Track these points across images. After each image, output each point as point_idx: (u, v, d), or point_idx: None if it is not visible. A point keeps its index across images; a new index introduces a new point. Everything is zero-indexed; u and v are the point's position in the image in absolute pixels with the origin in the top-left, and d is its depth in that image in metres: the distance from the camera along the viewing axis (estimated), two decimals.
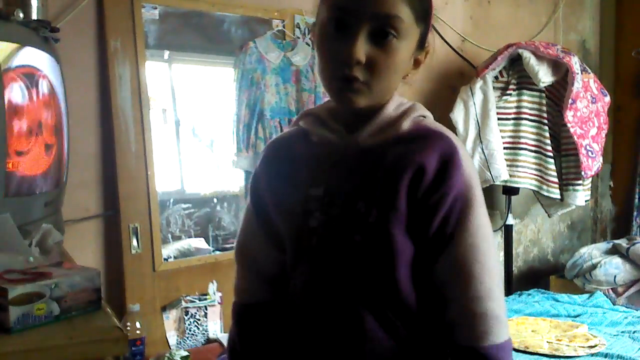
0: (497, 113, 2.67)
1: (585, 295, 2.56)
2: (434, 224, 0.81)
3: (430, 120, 0.90)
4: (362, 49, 0.79)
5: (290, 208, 0.90)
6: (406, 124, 0.86)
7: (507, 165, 2.66)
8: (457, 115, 2.64)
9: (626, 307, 2.49)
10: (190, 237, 2.38)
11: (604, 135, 2.78)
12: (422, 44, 0.87)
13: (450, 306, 0.82)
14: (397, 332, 0.84)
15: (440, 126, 0.89)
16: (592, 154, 2.65)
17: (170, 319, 2.20)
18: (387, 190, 0.82)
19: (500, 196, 3.03)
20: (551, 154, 2.71)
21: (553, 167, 2.70)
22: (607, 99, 2.82)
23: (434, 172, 0.81)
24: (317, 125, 0.90)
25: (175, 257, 2.26)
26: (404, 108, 0.88)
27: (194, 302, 2.23)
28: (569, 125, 2.58)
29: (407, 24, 0.81)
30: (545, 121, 2.72)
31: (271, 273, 0.98)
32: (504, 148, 2.67)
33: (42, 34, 1.48)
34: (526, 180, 2.71)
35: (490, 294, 0.83)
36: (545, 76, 2.58)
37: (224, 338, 2.25)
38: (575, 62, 2.58)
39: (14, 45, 1.31)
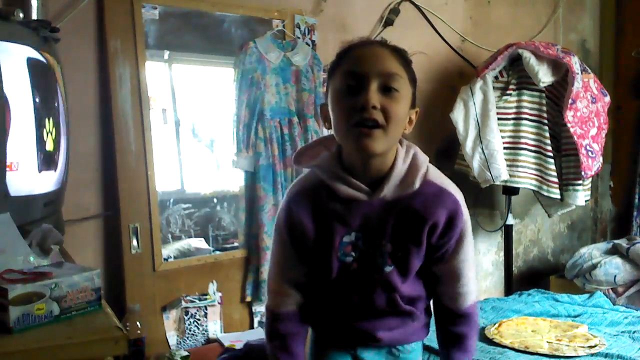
0: (497, 113, 2.67)
1: (585, 295, 2.56)
2: (441, 251, 1.15)
3: (432, 173, 1.13)
4: (376, 97, 1.01)
5: (327, 250, 1.13)
6: (417, 183, 1.09)
7: (507, 165, 2.66)
8: (457, 115, 2.64)
9: (626, 307, 2.49)
10: (190, 237, 2.38)
11: (604, 135, 2.78)
12: (413, 104, 1.11)
13: (448, 290, 1.20)
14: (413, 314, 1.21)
15: (444, 181, 1.13)
16: (592, 154, 2.65)
17: (170, 319, 2.20)
18: (411, 235, 1.11)
19: (500, 196, 3.04)
20: (551, 154, 2.70)
21: (553, 167, 2.69)
22: (607, 99, 2.81)
23: (444, 224, 1.11)
24: (341, 183, 1.10)
25: (175, 257, 2.26)
26: (408, 163, 1.10)
27: (194, 302, 2.23)
28: (569, 125, 2.58)
29: (404, 82, 1.06)
30: (545, 121, 2.72)
31: (300, 282, 1.21)
32: (504, 148, 2.67)
33: (42, 34, 1.48)
34: (526, 180, 2.71)
35: (470, 282, 1.20)
36: (545, 76, 2.58)
37: (224, 338, 2.26)
38: (575, 62, 2.58)
39: (14, 45, 1.31)
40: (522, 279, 3.22)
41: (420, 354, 1.31)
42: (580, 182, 2.69)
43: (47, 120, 1.47)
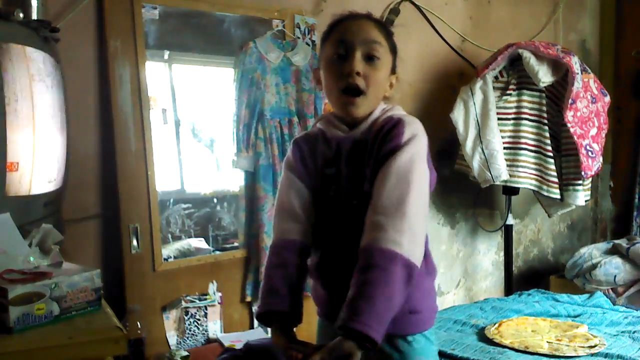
0: (497, 113, 2.67)
1: (585, 295, 2.56)
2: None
3: (398, 112, 1.24)
4: (359, 65, 1.17)
5: (316, 183, 1.25)
6: (381, 119, 1.21)
7: (507, 166, 2.66)
8: (457, 115, 2.64)
9: (626, 307, 2.49)
10: (190, 237, 2.38)
11: (604, 135, 2.78)
12: (393, 70, 1.26)
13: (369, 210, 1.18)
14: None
15: (402, 114, 1.22)
16: (592, 154, 2.65)
17: (170, 319, 2.20)
18: (363, 159, 1.19)
19: (500, 196, 3.04)
20: (551, 154, 2.70)
21: (553, 167, 2.69)
22: (607, 99, 2.81)
23: (381, 137, 1.17)
24: (330, 126, 1.26)
25: (175, 257, 2.26)
26: (385, 109, 1.24)
27: (194, 302, 2.23)
28: (569, 125, 2.58)
29: (385, 50, 1.21)
30: (545, 121, 2.72)
31: (303, 217, 1.26)
32: (504, 148, 2.67)
33: (42, 34, 1.48)
34: (526, 180, 2.71)
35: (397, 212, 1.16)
36: (545, 76, 2.58)
37: (224, 338, 2.25)
38: (575, 62, 2.58)
39: (14, 45, 1.31)
40: (522, 279, 3.22)
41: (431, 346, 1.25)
42: (580, 182, 2.69)
43: (47, 120, 1.47)
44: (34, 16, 1.63)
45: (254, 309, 2.40)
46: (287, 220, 1.25)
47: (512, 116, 2.72)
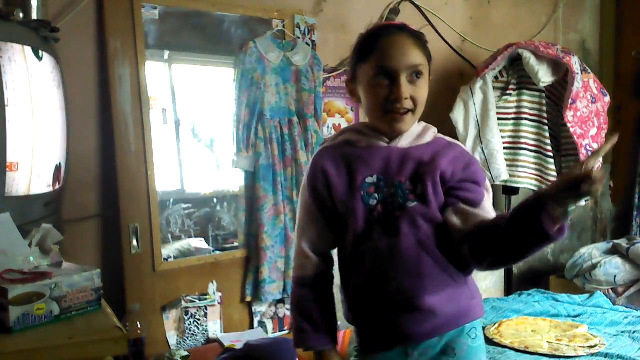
0: (497, 113, 2.67)
1: (585, 295, 2.56)
2: (462, 192, 1.20)
3: (432, 128, 1.28)
4: (407, 89, 1.17)
5: (352, 193, 1.20)
6: (429, 137, 1.25)
7: (507, 165, 2.66)
8: (457, 115, 2.64)
9: (626, 307, 2.49)
10: (190, 237, 2.38)
11: (604, 135, 2.77)
12: (429, 74, 1.27)
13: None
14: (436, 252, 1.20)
15: (453, 139, 1.28)
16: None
17: (170, 319, 2.20)
18: (426, 173, 1.19)
19: (500, 196, 3.03)
20: (551, 154, 2.70)
21: (553, 167, 2.69)
22: (607, 99, 2.81)
23: (456, 167, 1.21)
24: (363, 136, 1.25)
25: (175, 257, 2.26)
26: (422, 126, 1.27)
27: (194, 302, 2.23)
28: (569, 125, 2.58)
29: (425, 67, 1.21)
30: (545, 121, 2.72)
31: (325, 251, 1.28)
32: (504, 148, 2.67)
33: (42, 34, 1.48)
34: (526, 180, 2.71)
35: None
36: (545, 76, 2.58)
37: (224, 338, 2.26)
38: (575, 62, 2.58)
39: (14, 45, 1.31)
40: (522, 279, 3.22)
41: (484, 350, 1.26)
42: None
43: (47, 120, 1.47)
44: (34, 16, 1.63)
45: (254, 309, 2.41)
46: (301, 259, 1.26)
47: (512, 116, 2.72)
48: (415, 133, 1.24)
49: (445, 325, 1.20)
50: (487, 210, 1.20)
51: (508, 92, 2.72)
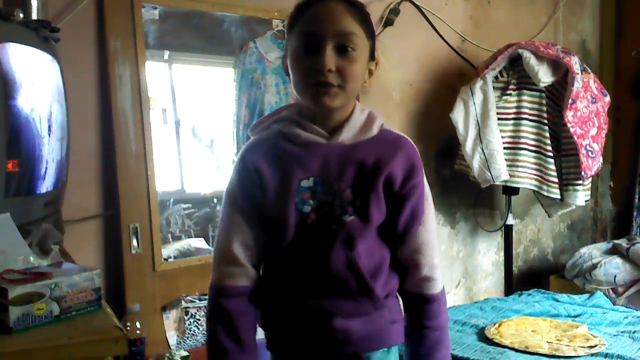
0: (497, 113, 2.67)
1: (585, 295, 2.56)
2: (402, 210, 1.10)
3: (379, 118, 1.14)
4: (331, 60, 1.02)
5: (286, 197, 1.07)
6: (375, 129, 1.11)
7: (507, 165, 2.66)
8: (457, 115, 2.64)
9: (626, 307, 2.49)
10: (190, 237, 2.38)
11: (604, 135, 2.78)
12: (372, 56, 1.11)
13: (413, 265, 1.14)
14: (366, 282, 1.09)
15: (397, 132, 1.14)
16: (592, 154, 2.65)
17: (170, 319, 2.20)
18: (370, 182, 1.07)
19: (500, 196, 3.03)
20: (551, 154, 2.70)
21: (553, 167, 2.69)
22: (607, 99, 2.81)
23: (403, 173, 1.09)
24: (300, 129, 1.09)
25: (175, 257, 2.26)
26: (366, 114, 1.12)
27: (194, 302, 2.23)
28: (569, 125, 2.58)
29: (361, 39, 1.05)
30: (545, 121, 2.72)
31: (258, 261, 1.14)
32: (504, 148, 2.66)
33: (42, 34, 1.48)
34: (526, 180, 2.71)
35: (436, 258, 1.15)
36: (545, 76, 2.58)
37: None
38: (575, 62, 2.58)
39: (14, 45, 1.31)
40: (522, 279, 3.22)
41: None
42: (580, 182, 2.69)
43: (47, 120, 1.47)
44: (34, 16, 1.63)
45: None
46: (229, 266, 1.12)
47: (512, 116, 2.72)
48: (358, 124, 1.10)
49: (359, 348, 1.10)
50: (421, 236, 1.11)
51: (508, 92, 2.72)
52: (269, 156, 1.10)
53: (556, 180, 2.70)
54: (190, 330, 2.23)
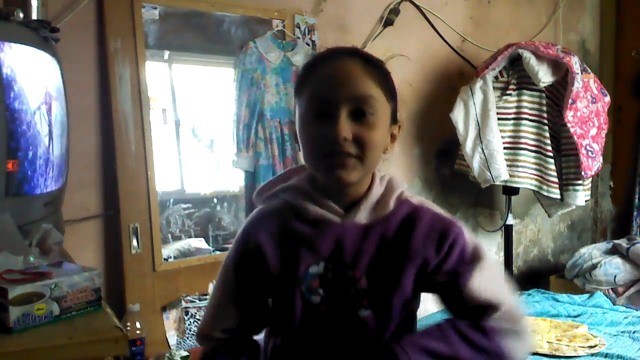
0: (497, 113, 2.67)
1: (585, 295, 2.56)
2: (454, 285, 0.94)
3: (409, 194, 1.00)
4: (346, 127, 0.88)
5: (291, 285, 0.94)
6: (392, 203, 0.96)
7: (507, 165, 2.66)
8: (457, 115, 2.64)
9: (626, 307, 2.49)
10: (190, 237, 2.38)
11: (604, 135, 2.78)
12: (394, 119, 0.97)
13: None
14: None
15: (424, 201, 1.00)
16: (592, 154, 2.65)
17: (170, 319, 2.20)
18: (390, 271, 0.92)
19: (500, 196, 3.04)
20: (551, 154, 2.70)
21: (553, 167, 2.69)
22: (607, 99, 2.81)
23: (434, 251, 0.93)
24: (312, 203, 0.96)
25: (175, 257, 2.26)
26: (384, 185, 0.98)
27: (194, 302, 2.23)
28: (569, 125, 2.58)
29: (380, 102, 0.91)
30: (545, 121, 2.72)
31: (249, 335, 1.06)
32: (504, 148, 2.67)
33: (42, 34, 1.48)
34: (526, 180, 2.71)
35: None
36: (545, 76, 2.58)
37: None
38: (575, 62, 2.58)
39: (14, 45, 1.31)
40: (522, 279, 3.22)
41: None
42: (580, 182, 2.69)
43: (47, 120, 1.47)
44: (34, 16, 1.63)
45: None
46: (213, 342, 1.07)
47: (512, 116, 2.72)
48: (374, 199, 0.96)
49: None
50: (473, 291, 0.92)
51: (508, 92, 2.72)
52: (274, 233, 0.97)
53: (556, 180, 2.70)
54: (190, 330, 2.22)
